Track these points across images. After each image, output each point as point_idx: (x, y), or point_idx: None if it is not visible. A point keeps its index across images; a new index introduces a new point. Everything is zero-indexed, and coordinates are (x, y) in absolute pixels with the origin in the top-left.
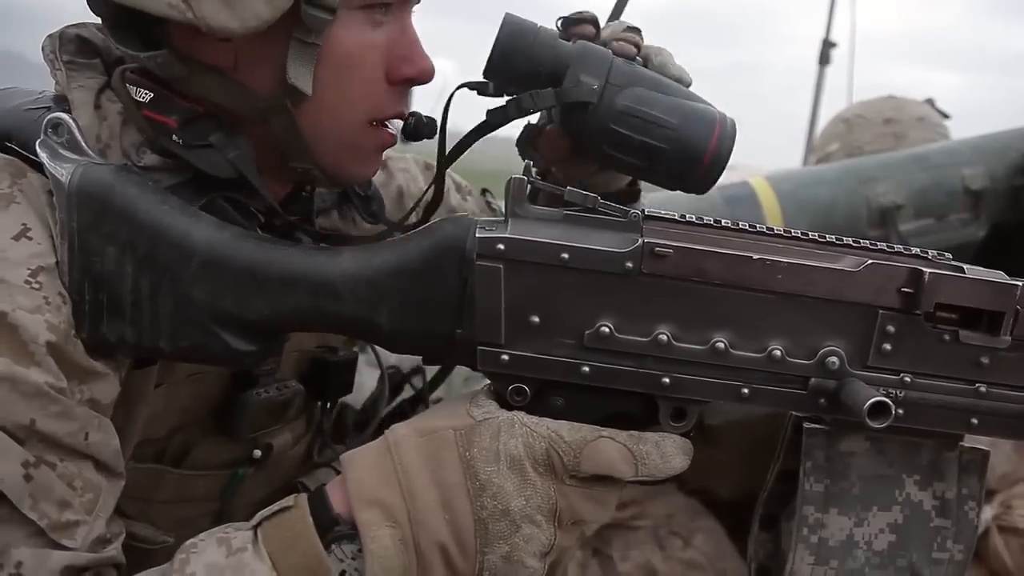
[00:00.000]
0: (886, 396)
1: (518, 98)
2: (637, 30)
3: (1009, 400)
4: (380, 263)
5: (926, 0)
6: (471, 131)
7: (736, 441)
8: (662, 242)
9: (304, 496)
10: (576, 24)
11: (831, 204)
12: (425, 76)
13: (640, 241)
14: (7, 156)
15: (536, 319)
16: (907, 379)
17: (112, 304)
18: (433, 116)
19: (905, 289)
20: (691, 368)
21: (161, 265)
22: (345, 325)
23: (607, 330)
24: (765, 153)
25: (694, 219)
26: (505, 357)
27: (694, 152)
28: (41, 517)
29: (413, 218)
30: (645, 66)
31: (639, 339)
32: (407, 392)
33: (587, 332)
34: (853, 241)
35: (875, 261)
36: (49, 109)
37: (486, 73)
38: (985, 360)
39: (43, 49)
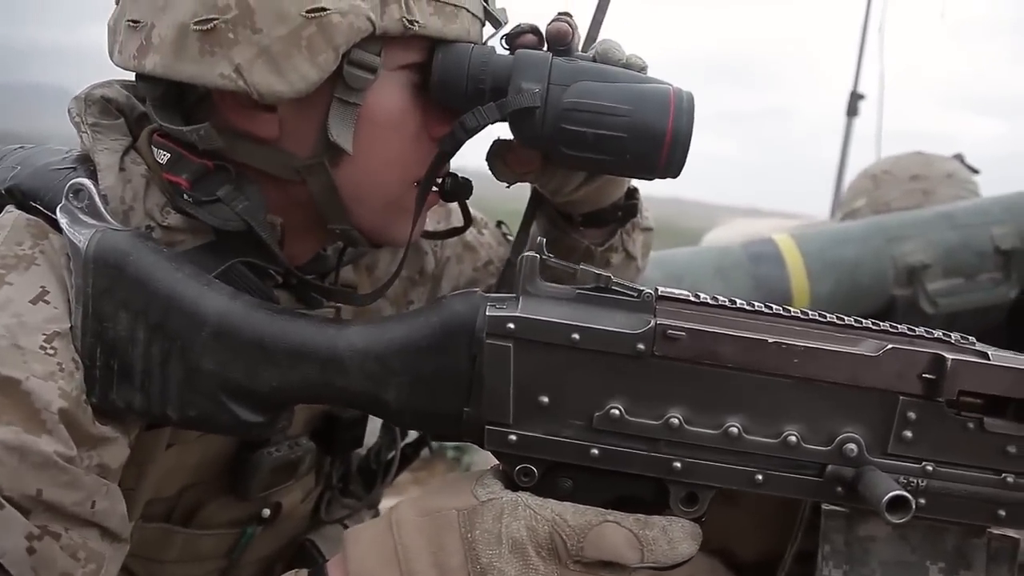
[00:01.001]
0: (907, 486)
1: (461, 120)
2: (568, 14)
3: None
4: (389, 339)
5: (962, 44)
6: (432, 164)
7: (760, 502)
8: (674, 324)
9: (305, 573)
10: (517, 37)
11: (857, 263)
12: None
13: (652, 323)
14: (32, 217)
15: (545, 399)
16: (929, 468)
17: (123, 370)
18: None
19: (926, 375)
20: (703, 453)
21: (172, 333)
22: (352, 400)
23: (617, 412)
24: (793, 199)
25: (709, 299)
26: (513, 437)
27: (653, 133)
28: None
29: (433, 255)
30: (594, 61)
31: (650, 422)
32: (411, 435)
33: (597, 414)
34: (873, 324)
35: (895, 346)
36: (75, 170)
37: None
38: (1012, 449)
39: (69, 112)
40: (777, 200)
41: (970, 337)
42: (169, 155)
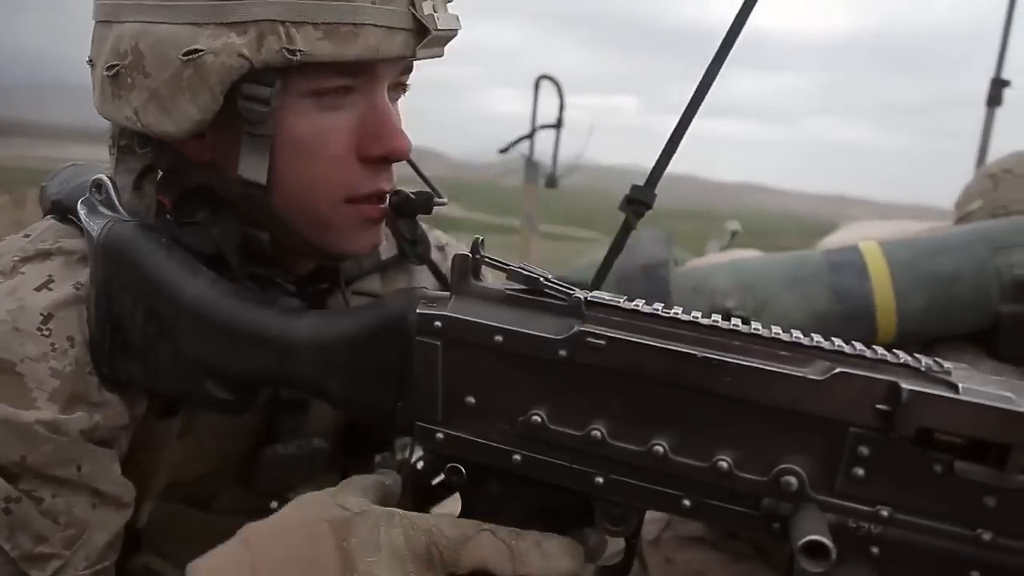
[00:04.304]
0: (856, 531)
1: None
2: None
3: (1022, 555)
4: (335, 331)
5: None
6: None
7: None
8: (597, 331)
9: None
10: None
11: (954, 276)
12: (396, 155)
13: (575, 329)
14: (65, 225)
15: (472, 400)
16: (884, 513)
17: (126, 346)
18: (422, 191)
19: (881, 406)
20: (627, 470)
21: (160, 315)
22: (302, 387)
23: (539, 419)
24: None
25: (641, 306)
26: (440, 435)
27: None
28: (13, 548)
29: None
30: None
31: (572, 432)
32: None
33: (519, 419)
34: (830, 343)
35: (845, 369)
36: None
37: None
38: (990, 501)
39: (109, 138)
40: (952, 198)
41: (949, 364)
42: (161, 175)
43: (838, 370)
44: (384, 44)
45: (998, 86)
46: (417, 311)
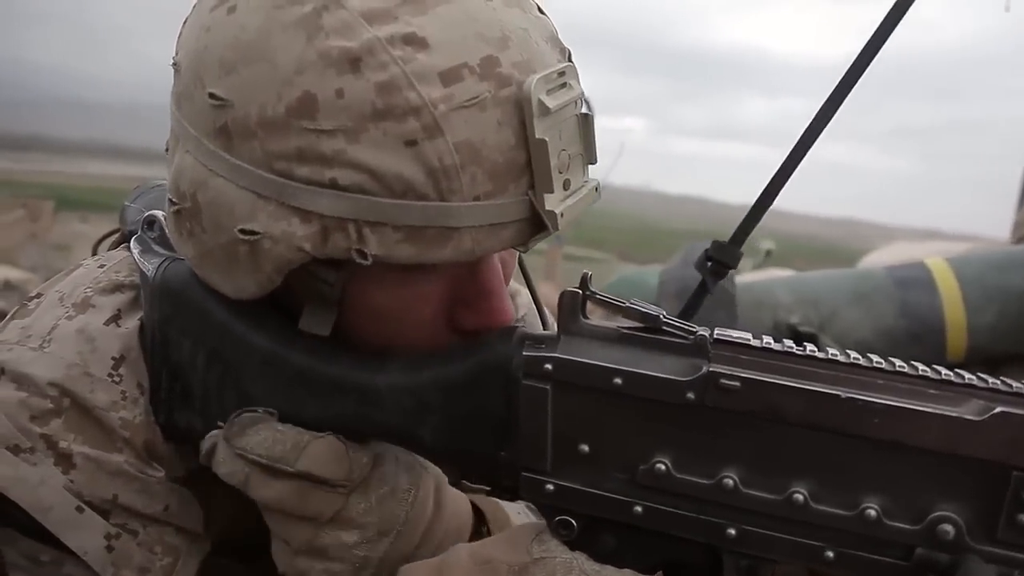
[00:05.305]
0: None
1: None
2: None
3: None
4: (425, 375)
5: None
6: None
7: None
8: (730, 371)
9: None
10: None
11: None
12: (496, 326)
13: (704, 369)
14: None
15: (586, 448)
16: None
17: (184, 393)
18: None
19: None
20: (762, 520)
21: (225, 360)
22: (389, 434)
23: (663, 467)
24: (982, 221)
25: (773, 344)
26: (550, 487)
27: None
28: None
29: None
30: None
31: (701, 481)
32: None
33: (641, 467)
34: (979, 379)
35: (1007, 409)
36: None
37: None
38: None
39: None
40: (962, 222)
41: None
42: None
43: (999, 410)
44: (485, 242)
45: None
46: (524, 352)
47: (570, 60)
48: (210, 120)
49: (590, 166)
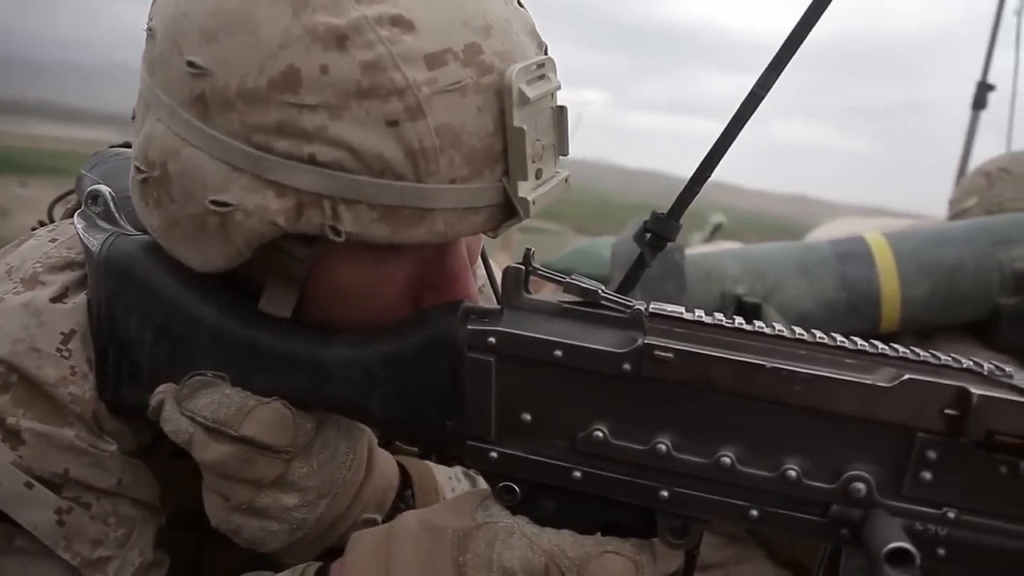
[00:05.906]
0: (923, 533)
1: None
2: None
3: None
4: (373, 349)
5: None
6: None
7: None
8: (664, 343)
9: (313, 568)
10: None
11: (956, 267)
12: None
13: (640, 341)
14: None
15: (528, 417)
16: (951, 515)
17: (132, 369)
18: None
19: (949, 411)
20: (693, 483)
21: (175, 335)
22: (339, 407)
23: (601, 435)
24: (929, 200)
25: (704, 317)
26: (494, 454)
27: None
28: (74, 556)
29: None
30: None
31: (636, 447)
32: None
33: (580, 435)
34: (892, 349)
35: (913, 376)
36: None
37: None
38: None
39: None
40: (910, 201)
41: (1009, 368)
42: None
43: (907, 377)
44: (457, 226)
45: (984, 90)
46: (468, 327)
47: (547, 54)
48: (186, 88)
49: (561, 158)
